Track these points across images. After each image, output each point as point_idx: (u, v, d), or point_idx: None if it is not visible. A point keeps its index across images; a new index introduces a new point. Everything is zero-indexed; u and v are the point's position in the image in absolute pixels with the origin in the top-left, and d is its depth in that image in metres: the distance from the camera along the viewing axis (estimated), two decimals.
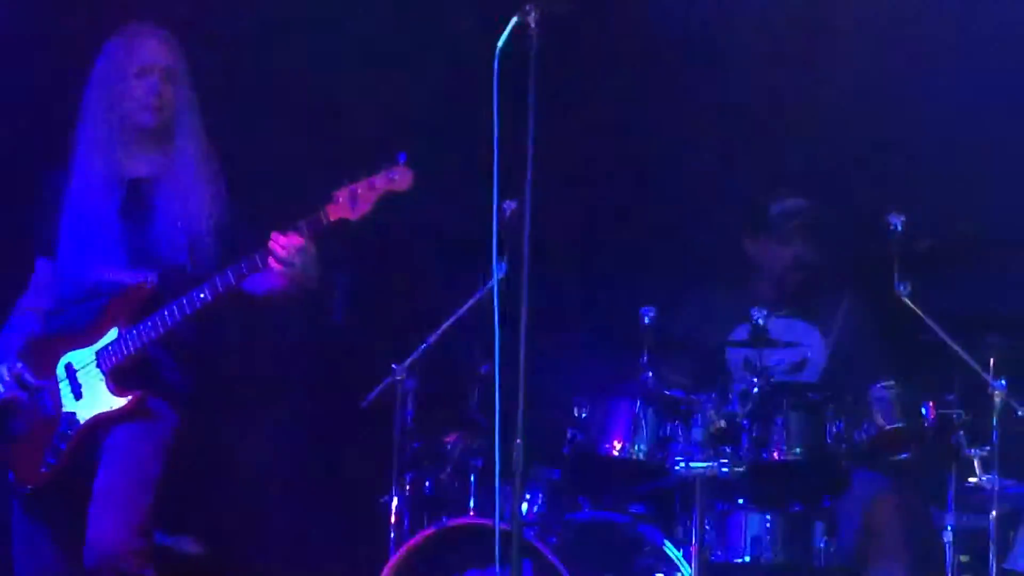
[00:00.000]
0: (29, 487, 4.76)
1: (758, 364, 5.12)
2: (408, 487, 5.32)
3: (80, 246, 4.82)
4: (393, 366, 5.27)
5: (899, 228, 5.08)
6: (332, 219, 4.65)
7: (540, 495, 5.23)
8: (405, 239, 5.81)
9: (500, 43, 3.87)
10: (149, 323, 4.66)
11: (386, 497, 5.29)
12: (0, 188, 5.36)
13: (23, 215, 5.07)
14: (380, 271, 6.14)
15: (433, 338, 5.31)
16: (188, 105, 4.89)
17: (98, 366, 4.71)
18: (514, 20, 3.91)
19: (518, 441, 3.85)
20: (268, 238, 4.65)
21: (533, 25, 3.90)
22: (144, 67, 4.80)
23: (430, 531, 4.91)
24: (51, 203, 4.91)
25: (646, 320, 5.03)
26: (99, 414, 4.70)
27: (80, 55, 5.00)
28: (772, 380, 5.12)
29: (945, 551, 5.26)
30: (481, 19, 4.20)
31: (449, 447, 5.35)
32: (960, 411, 5.10)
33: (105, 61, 4.89)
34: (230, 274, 4.63)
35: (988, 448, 5.00)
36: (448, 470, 5.35)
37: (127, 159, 4.84)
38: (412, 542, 4.91)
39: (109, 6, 5.29)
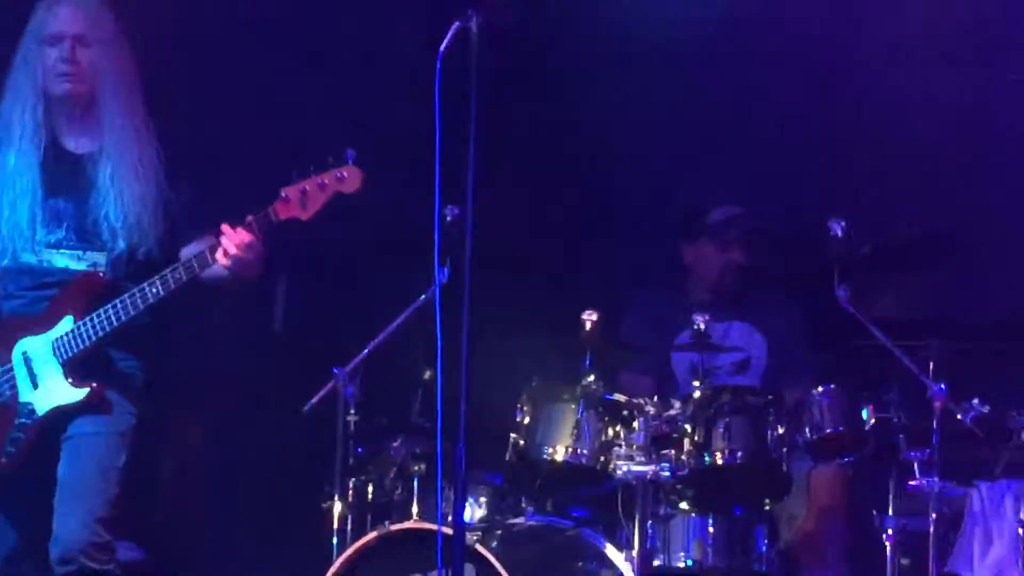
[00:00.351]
0: None
1: (701, 368, 5.18)
2: (351, 492, 5.31)
3: (17, 221, 4.74)
4: (334, 371, 5.26)
5: (839, 234, 5.12)
6: (282, 217, 4.62)
7: (483, 500, 5.25)
8: (347, 243, 5.79)
9: (442, 47, 3.89)
10: (103, 315, 4.62)
11: (328, 502, 5.28)
12: None
13: None
14: (321, 275, 6.13)
15: (375, 343, 5.31)
16: (117, 75, 4.77)
17: (54, 355, 4.66)
18: (456, 24, 3.93)
19: (460, 445, 3.88)
20: (209, 222, 4.65)
21: (475, 30, 3.92)
22: (53, 34, 4.70)
23: (373, 536, 4.87)
24: None
25: (588, 324, 5.01)
26: (58, 406, 4.67)
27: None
28: (714, 383, 5.20)
29: (886, 552, 5.28)
30: (426, 23, 4.22)
31: (392, 452, 5.33)
32: (900, 414, 5.13)
33: (31, 28, 4.77)
34: (181, 270, 4.59)
35: (928, 451, 5.07)
36: (391, 475, 5.34)
37: (63, 134, 4.78)
38: (355, 547, 4.88)
39: None
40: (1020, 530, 5.22)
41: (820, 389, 5.10)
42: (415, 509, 5.17)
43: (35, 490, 4.68)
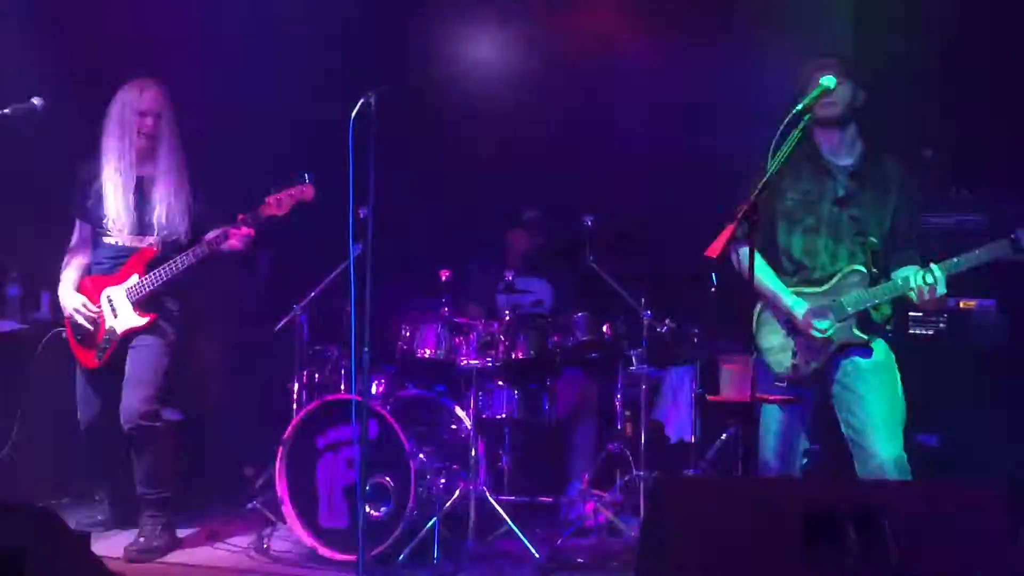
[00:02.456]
0: (88, 368, 4.87)
1: (510, 304, 5.22)
2: (304, 378, 5.25)
3: (107, 216, 4.82)
4: (294, 306, 5.20)
5: (589, 224, 5.18)
6: (265, 215, 4.76)
7: (383, 380, 5.20)
8: (303, 230, 5.72)
9: (352, 114, 3.89)
10: (157, 274, 4.76)
11: (290, 384, 5.22)
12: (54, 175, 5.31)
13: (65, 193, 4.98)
14: (288, 249, 5.95)
15: (319, 289, 5.21)
16: (170, 133, 4.82)
17: (127, 298, 4.79)
18: (361, 100, 3.94)
19: (366, 349, 3.97)
20: (220, 217, 4.78)
21: (373, 104, 3.94)
22: (145, 110, 4.77)
23: (315, 403, 4.78)
24: (86, 183, 4.86)
25: (443, 277, 5.07)
26: (129, 327, 4.80)
27: (103, 93, 4.91)
28: (520, 312, 5.15)
29: (616, 409, 5.42)
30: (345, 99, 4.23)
31: (328, 354, 5.36)
32: (624, 328, 5.21)
33: (121, 99, 4.80)
34: (205, 246, 4.75)
35: (639, 350, 5.14)
36: (328, 368, 5.34)
37: (136, 163, 4.79)
38: (306, 409, 4.79)
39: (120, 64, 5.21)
40: (694, 396, 5.23)
41: (579, 314, 5.14)
42: (342, 387, 5.17)
43: (116, 379, 4.81)
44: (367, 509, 4.47)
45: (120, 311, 4.82)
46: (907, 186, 4.02)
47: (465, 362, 4.93)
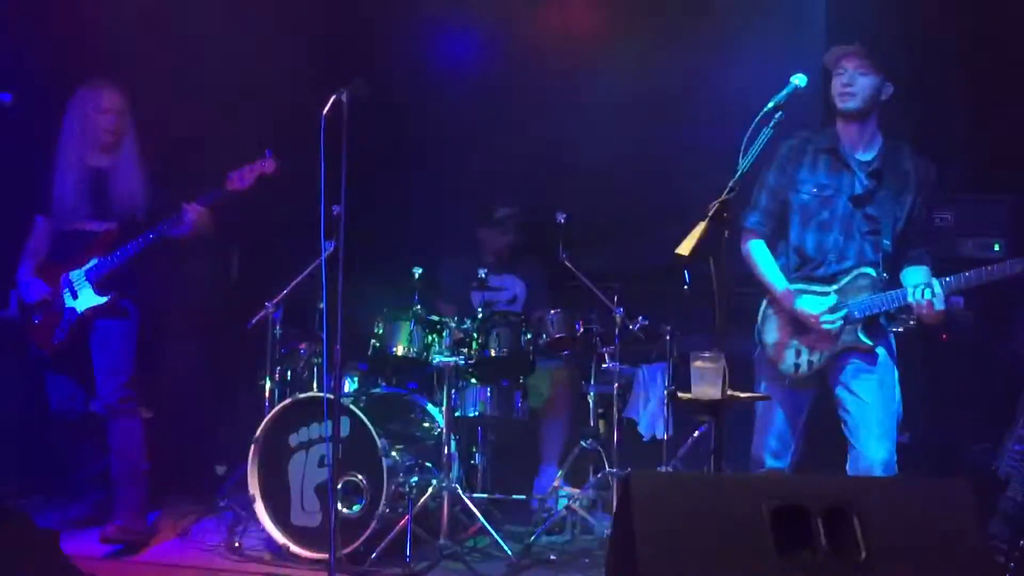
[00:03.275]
0: (46, 350, 4.87)
1: (484, 301, 5.20)
2: (277, 376, 5.23)
3: (66, 206, 4.85)
4: (266, 303, 5.15)
5: (563, 221, 5.20)
6: (230, 189, 4.75)
7: (355, 378, 5.20)
8: (275, 228, 5.69)
9: (324, 111, 3.85)
10: (115, 255, 4.78)
11: (262, 381, 5.18)
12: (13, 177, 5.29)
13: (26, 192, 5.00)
14: (260, 246, 5.96)
15: (291, 286, 5.16)
16: (130, 127, 4.89)
17: (87, 279, 4.81)
18: (333, 97, 3.89)
19: (337, 347, 3.94)
20: (179, 203, 4.76)
21: (344, 100, 3.90)
22: (106, 108, 4.83)
23: (289, 401, 4.78)
24: (47, 176, 4.88)
25: (416, 275, 5.08)
26: (89, 307, 4.81)
27: (57, 93, 4.94)
28: (493, 309, 5.15)
29: (590, 406, 5.43)
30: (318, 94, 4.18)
31: (301, 352, 5.35)
32: (597, 326, 5.26)
33: (80, 100, 4.85)
34: (161, 227, 4.76)
35: (612, 347, 5.15)
36: (300, 365, 5.34)
37: (91, 158, 4.86)
38: (278, 407, 4.79)
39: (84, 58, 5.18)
40: (666, 393, 5.30)
41: (552, 311, 5.17)
42: (315, 385, 5.17)
43: (79, 363, 4.83)
44: (339, 507, 4.49)
45: (80, 292, 4.83)
46: (925, 186, 3.95)
47: (438, 360, 4.92)
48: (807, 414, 4.05)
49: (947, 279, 3.78)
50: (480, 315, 5.03)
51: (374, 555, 4.52)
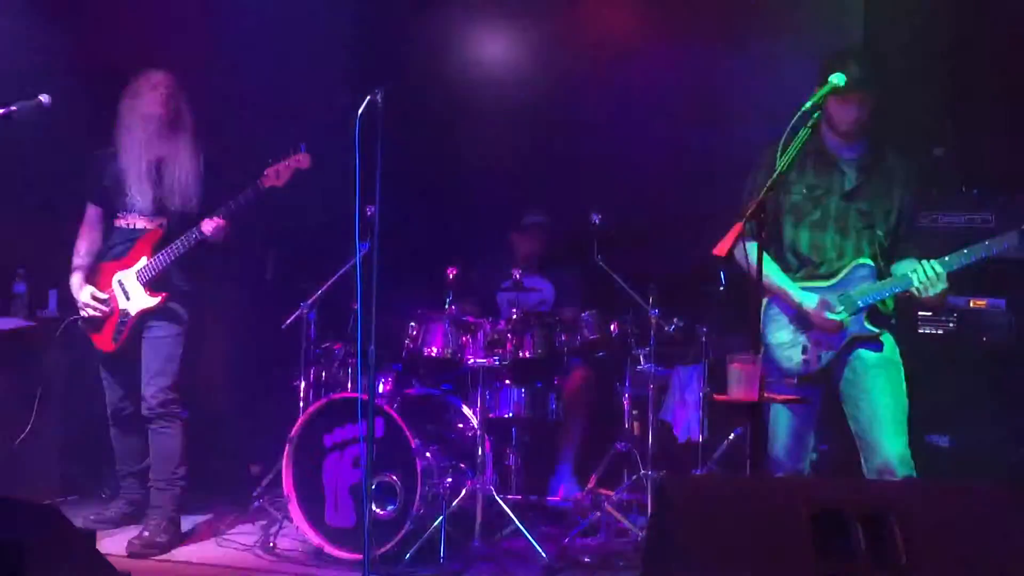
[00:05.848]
0: (105, 352, 4.91)
1: (516, 301, 5.12)
2: (311, 376, 5.25)
3: (123, 194, 4.86)
4: (301, 304, 5.17)
5: (597, 222, 5.20)
6: (266, 186, 4.76)
7: (389, 378, 5.16)
8: (310, 229, 5.67)
9: (359, 111, 3.83)
10: (164, 254, 4.79)
11: (297, 381, 5.21)
12: (61, 172, 5.28)
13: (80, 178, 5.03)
14: (295, 247, 5.95)
15: (325, 287, 5.18)
16: (186, 117, 4.87)
17: (138, 280, 4.83)
18: (368, 98, 3.88)
19: (372, 347, 3.92)
20: (229, 193, 4.78)
21: (379, 101, 3.89)
22: (157, 83, 4.81)
23: (323, 401, 4.78)
24: (102, 167, 4.89)
25: (450, 276, 5.08)
26: (142, 308, 4.83)
27: (111, 89, 4.96)
28: (526, 311, 5.11)
29: (624, 409, 5.42)
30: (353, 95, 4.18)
31: (335, 352, 5.34)
32: (632, 327, 5.24)
33: (136, 87, 4.84)
34: (195, 233, 4.76)
35: (647, 348, 5.16)
36: (335, 365, 5.33)
37: (148, 145, 4.81)
38: (312, 407, 4.79)
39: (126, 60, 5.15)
40: (702, 395, 5.30)
41: (586, 313, 5.16)
42: (349, 385, 5.17)
43: (135, 364, 4.86)
44: (373, 508, 4.47)
45: (132, 293, 4.85)
46: (910, 182, 4.01)
47: (472, 360, 4.91)
48: (820, 411, 4.03)
49: (945, 258, 3.80)
50: (514, 316, 5.00)
51: (408, 556, 4.52)
